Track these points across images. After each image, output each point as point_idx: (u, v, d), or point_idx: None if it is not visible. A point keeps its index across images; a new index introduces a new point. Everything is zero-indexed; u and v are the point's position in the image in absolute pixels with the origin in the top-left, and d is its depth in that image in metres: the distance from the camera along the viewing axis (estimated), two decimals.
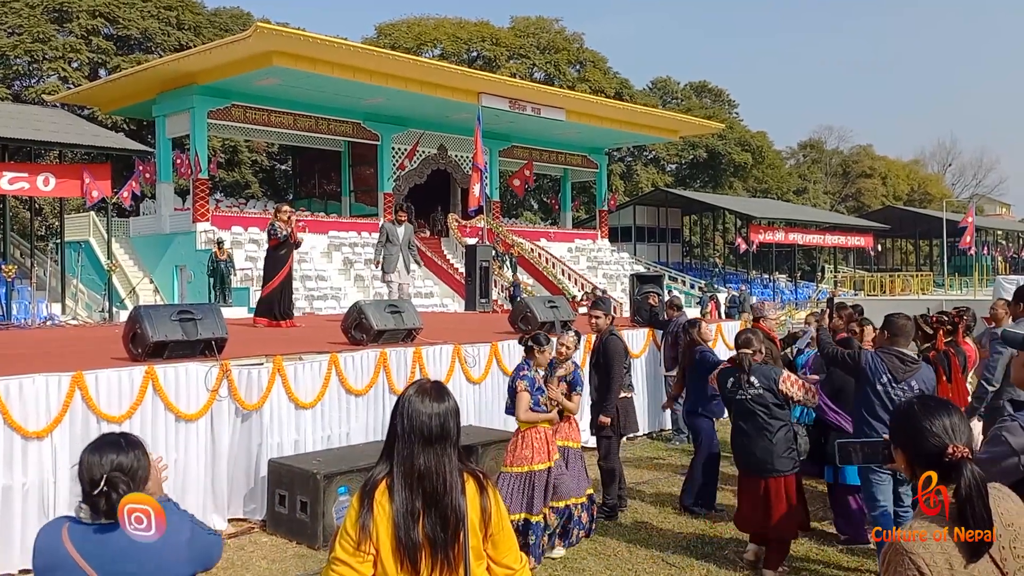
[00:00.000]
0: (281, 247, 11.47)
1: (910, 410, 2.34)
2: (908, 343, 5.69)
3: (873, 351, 5.72)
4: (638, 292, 12.26)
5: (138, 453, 2.68)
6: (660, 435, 11.29)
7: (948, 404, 2.35)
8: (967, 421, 2.30)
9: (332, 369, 7.57)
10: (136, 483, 2.62)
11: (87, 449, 2.67)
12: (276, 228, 11.37)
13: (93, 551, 2.54)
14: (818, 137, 79.78)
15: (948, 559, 2.07)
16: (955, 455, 2.16)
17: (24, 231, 28.44)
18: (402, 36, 49.02)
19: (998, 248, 62.90)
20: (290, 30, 26.12)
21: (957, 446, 2.18)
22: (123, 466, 2.61)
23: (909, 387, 5.46)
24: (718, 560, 6.20)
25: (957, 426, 2.24)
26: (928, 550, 2.08)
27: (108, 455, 2.62)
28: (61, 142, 21.92)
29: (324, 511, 6.32)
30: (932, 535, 2.11)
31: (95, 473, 2.58)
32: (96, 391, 6.16)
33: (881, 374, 5.49)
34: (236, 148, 39.58)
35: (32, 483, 5.84)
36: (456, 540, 2.47)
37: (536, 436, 6.03)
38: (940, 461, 2.19)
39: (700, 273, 46.00)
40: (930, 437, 2.23)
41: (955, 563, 2.07)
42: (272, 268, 11.53)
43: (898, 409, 2.43)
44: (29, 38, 34.32)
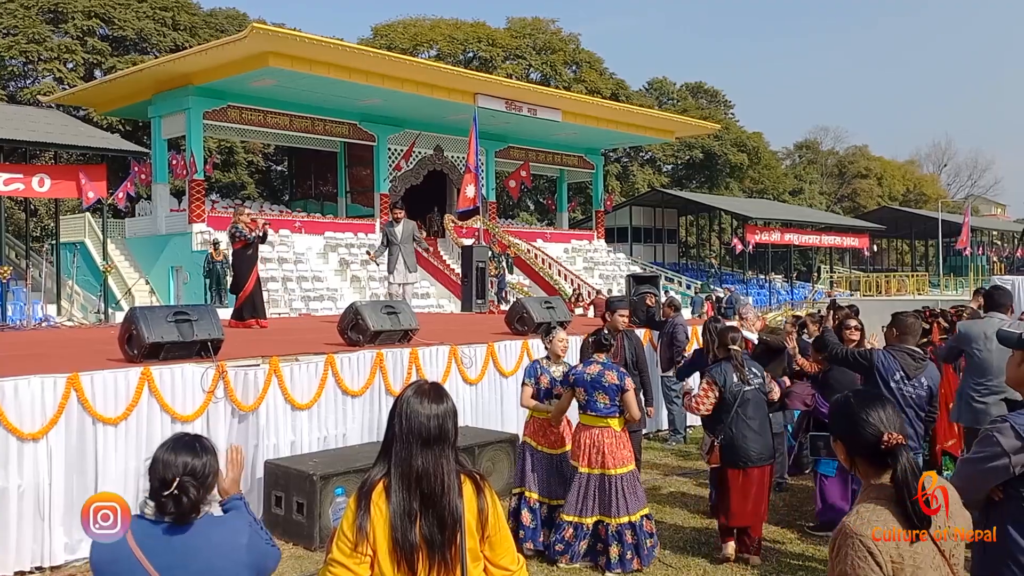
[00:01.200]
0: (248, 247, 11.53)
1: (847, 403, 2.49)
2: (916, 340, 5.73)
3: (884, 349, 5.75)
4: (634, 293, 12.26)
5: (210, 459, 2.69)
6: (657, 435, 11.30)
7: (881, 396, 2.53)
8: (899, 412, 2.47)
9: (328, 370, 7.57)
10: (205, 489, 2.64)
11: (163, 447, 2.68)
12: (240, 230, 11.40)
13: (156, 549, 2.53)
14: (814, 138, 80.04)
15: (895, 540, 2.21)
16: (890, 442, 2.32)
17: (19, 232, 28.39)
18: (398, 37, 49.01)
19: (993, 248, 63.01)
20: (286, 31, 26.10)
21: (891, 434, 2.34)
22: (195, 470, 2.62)
23: (919, 384, 5.49)
24: (714, 559, 6.21)
25: (891, 416, 2.41)
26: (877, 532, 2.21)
27: (183, 457, 2.63)
28: (56, 143, 21.89)
29: (320, 512, 6.31)
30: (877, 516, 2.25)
31: (168, 473, 2.58)
32: (92, 392, 6.15)
33: (894, 372, 5.51)
34: (232, 149, 39.53)
35: (28, 485, 5.83)
36: (453, 541, 2.47)
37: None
38: (876, 449, 2.35)
39: (696, 274, 46.02)
40: (866, 427, 2.39)
41: (901, 544, 2.21)
42: (245, 270, 11.54)
43: (835, 403, 2.56)
44: (24, 39, 34.24)
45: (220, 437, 6.90)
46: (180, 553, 2.53)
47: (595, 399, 5.97)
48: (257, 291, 11.64)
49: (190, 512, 2.58)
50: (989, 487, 2.99)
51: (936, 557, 2.26)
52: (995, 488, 2.98)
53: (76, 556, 6.05)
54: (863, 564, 2.18)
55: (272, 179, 44.34)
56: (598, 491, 5.97)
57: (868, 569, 2.17)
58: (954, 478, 3.15)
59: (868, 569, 2.17)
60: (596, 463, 5.96)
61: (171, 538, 2.56)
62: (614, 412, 5.97)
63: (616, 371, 6.03)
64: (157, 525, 2.58)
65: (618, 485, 5.92)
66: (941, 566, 2.26)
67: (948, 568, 2.28)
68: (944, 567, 2.27)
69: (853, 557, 2.20)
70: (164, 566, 2.51)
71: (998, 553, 2.96)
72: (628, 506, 5.93)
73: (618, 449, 5.96)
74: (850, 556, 2.20)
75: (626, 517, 5.92)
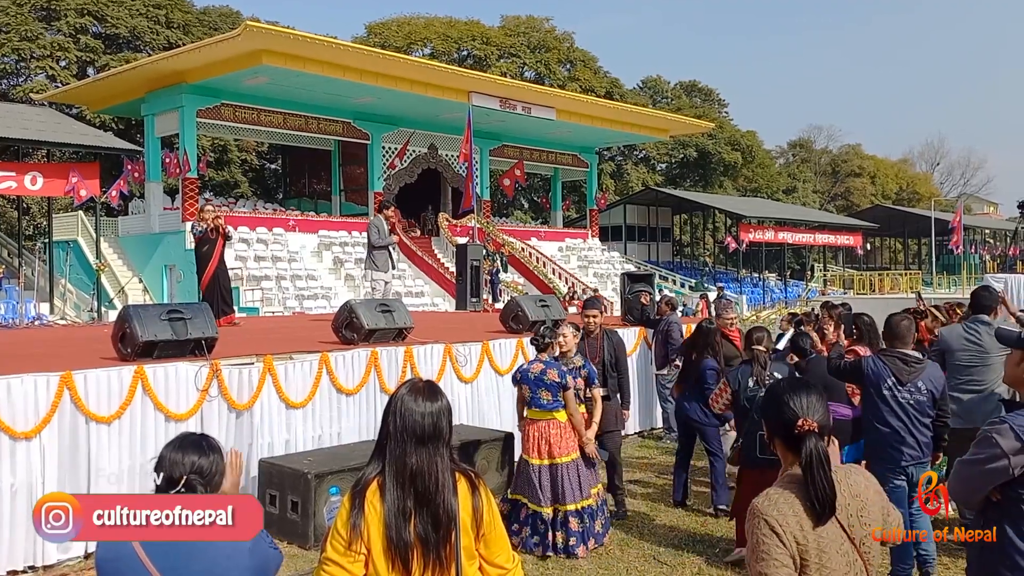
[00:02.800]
0: (203, 244, 11.56)
1: (776, 387, 2.59)
2: (909, 344, 5.49)
3: (874, 355, 5.58)
4: (629, 291, 12.26)
5: (217, 458, 2.69)
6: (651, 433, 11.30)
7: (808, 385, 2.58)
8: (825, 401, 2.52)
9: (323, 368, 7.54)
10: (211, 488, 2.63)
11: (169, 446, 2.67)
12: (194, 226, 11.52)
13: (159, 549, 2.51)
14: (807, 136, 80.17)
15: (799, 521, 2.30)
16: (802, 428, 2.40)
17: (12, 230, 28.28)
18: (392, 35, 48.94)
19: (986, 247, 63.21)
20: (279, 29, 26.05)
21: (807, 420, 2.42)
22: (202, 469, 2.61)
23: (916, 388, 5.25)
24: (709, 558, 6.22)
25: (814, 405, 2.47)
26: (781, 513, 2.31)
27: (190, 456, 2.62)
28: (49, 141, 21.82)
29: (315, 511, 6.29)
30: (785, 499, 2.34)
31: (175, 472, 2.58)
32: (85, 391, 6.12)
33: (884, 378, 5.28)
34: (226, 147, 39.45)
35: (20, 484, 5.80)
36: (448, 540, 2.46)
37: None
38: (791, 433, 2.42)
39: (690, 272, 46.10)
40: (786, 411, 2.46)
41: (805, 525, 2.30)
42: (201, 267, 11.61)
43: (769, 387, 2.68)
44: (16, 36, 34.10)
45: (214, 436, 6.84)
46: (183, 553, 2.51)
47: (539, 395, 6.26)
48: (215, 287, 11.60)
49: None
50: (988, 488, 2.97)
51: (844, 543, 2.34)
52: (993, 489, 2.98)
53: (69, 556, 6.03)
54: (767, 541, 2.29)
55: (266, 177, 44.25)
56: (550, 481, 6.26)
57: (772, 546, 2.27)
58: (952, 480, 3.14)
59: (772, 546, 2.27)
60: (544, 454, 6.27)
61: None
62: (557, 406, 6.26)
63: (557, 369, 6.26)
64: None
65: (565, 473, 6.23)
66: (849, 552, 2.34)
67: (858, 555, 2.36)
68: (852, 554, 2.35)
69: (759, 535, 2.31)
70: (167, 566, 2.50)
71: (995, 554, 2.96)
72: (575, 494, 6.23)
73: (563, 440, 6.27)
74: (756, 534, 2.32)
75: (573, 504, 6.21)
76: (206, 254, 11.58)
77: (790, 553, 2.26)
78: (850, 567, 2.34)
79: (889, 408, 5.25)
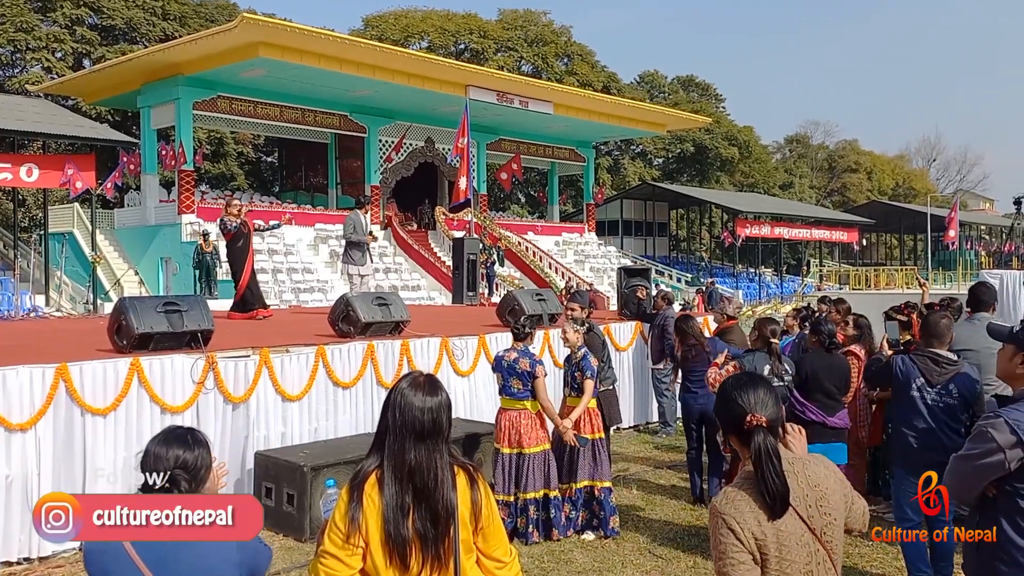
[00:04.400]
0: (237, 239, 11.50)
1: (726, 383, 2.60)
2: (946, 344, 5.18)
3: (906, 354, 5.33)
4: (626, 285, 12.27)
5: (203, 452, 2.66)
6: (647, 428, 11.31)
7: (759, 379, 2.60)
8: (776, 396, 2.53)
9: (319, 361, 7.54)
10: (196, 482, 2.61)
11: (155, 440, 2.65)
12: (226, 223, 11.40)
13: (145, 542, 2.51)
14: (804, 132, 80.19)
15: (756, 517, 2.32)
16: (751, 423, 2.41)
17: (7, 222, 28.22)
18: (389, 28, 48.84)
19: (981, 243, 63.27)
20: (276, 21, 25.99)
21: (755, 415, 2.42)
22: (187, 464, 2.59)
23: (947, 391, 4.95)
24: (705, 551, 6.21)
25: (762, 399, 2.47)
26: (738, 510, 2.33)
27: (174, 450, 2.60)
28: (45, 132, 21.74)
29: (311, 504, 6.30)
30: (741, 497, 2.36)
31: (159, 467, 2.56)
32: (80, 383, 6.11)
33: (914, 377, 5.04)
34: (222, 140, 39.35)
35: (16, 475, 5.79)
36: (446, 535, 2.46)
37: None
38: (742, 429, 2.43)
39: (687, 267, 46.12)
40: (735, 406, 2.47)
41: (762, 520, 2.32)
42: (238, 262, 11.53)
43: (720, 384, 2.66)
44: (12, 27, 33.96)
45: (210, 428, 6.87)
46: (169, 547, 2.50)
47: (510, 383, 6.41)
48: (253, 281, 11.62)
49: None
50: (984, 483, 2.98)
51: (805, 534, 2.36)
52: (989, 484, 2.98)
53: (64, 547, 6.02)
54: (725, 540, 2.32)
55: (262, 170, 44.16)
56: (515, 469, 6.42)
57: (729, 544, 2.31)
58: (948, 475, 3.14)
59: (729, 544, 2.31)
60: (514, 443, 6.41)
61: None
62: (527, 396, 6.39)
63: (529, 359, 6.39)
64: None
65: (530, 463, 6.38)
66: (810, 543, 2.36)
67: (820, 545, 2.38)
68: (814, 544, 2.37)
69: (718, 534, 2.34)
70: (153, 560, 2.49)
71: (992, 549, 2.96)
72: (536, 482, 6.38)
73: (532, 430, 6.41)
74: (715, 533, 2.35)
75: (532, 493, 6.37)
76: (241, 249, 11.52)
77: (748, 549, 2.29)
78: (811, 556, 2.36)
79: (915, 410, 5.01)
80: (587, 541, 6.50)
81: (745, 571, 2.27)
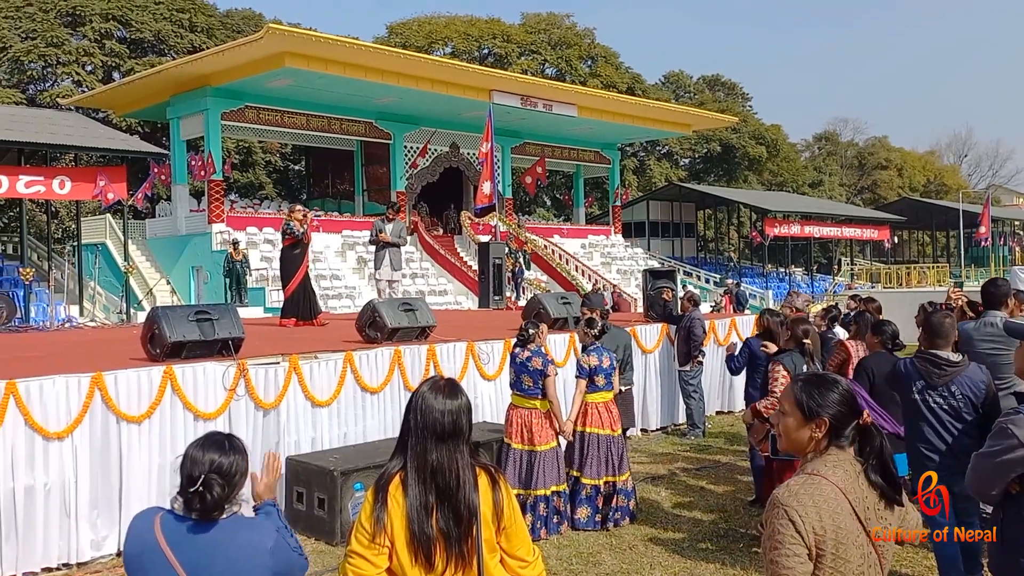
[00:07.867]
0: (296, 246, 11.58)
1: (840, 380, 2.53)
2: (949, 345, 5.08)
3: (910, 357, 5.24)
4: (651, 287, 12.26)
5: (238, 458, 2.73)
6: (676, 430, 11.31)
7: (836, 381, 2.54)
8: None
9: (347, 367, 7.63)
10: (231, 487, 2.67)
11: (193, 444, 2.73)
12: (292, 227, 11.48)
13: (181, 545, 2.59)
14: (833, 129, 79.33)
15: (819, 512, 2.29)
16: (867, 421, 2.39)
17: (41, 234, 28.68)
18: (413, 35, 49.09)
19: (1015, 238, 62.34)
20: (301, 31, 26.22)
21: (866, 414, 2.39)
22: (221, 468, 2.66)
23: (949, 393, 4.87)
24: (733, 554, 6.22)
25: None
26: (801, 504, 2.30)
27: (211, 454, 2.67)
28: (76, 145, 22.08)
29: (341, 507, 6.38)
30: (806, 490, 2.33)
31: (195, 470, 2.63)
32: (115, 391, 6.24)
33: (914, 381, 4.99)
34: (250, 149, 39.77)
35: (54, 483, 5.92)
36: (469, 534, 2.52)
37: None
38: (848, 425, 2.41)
39: (715, 267, 45.85)
40: (854, 403, 2.42)
41: (824, 516, 2.29)
42: (290, 267, 11.63)
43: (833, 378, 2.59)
44: (43, 42, 34.56)
45: (242, 434, 6.94)
46: (205, 550, 2.58)
47: (521, 380, 6.62)
48: (305, 289, 11.70)
49: (213, 509, 2.62)
50: (1007, 480, 2.98)
51: (860, 535, 2.34)
52: (1012, 481, 2.98)
53: (102, 553, 6.15)
54: (784, 531, 2.30)
55: (290, 178, 44.56)
56: (527, 466, 6.60)
57: (788, 535, 2.29)
58: (970, 473, 3.15)
59: (788, 535, 2.29)
60: (526, 440, 6.62)
61: (197, 535, 2.61)
62: (537, 394, 6.59)
63: (542, 358, 6.57)
64: (184, 521, 2.63)
65: (541, 460, 6.58)
66: (864, 545, 2.35)
67: (872, 548, 2.37)
68: (867, 546, 2.36)
69: (776, 525, 2.32)
70: (189, 562, 2.57)
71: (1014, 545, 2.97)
72: (545, 479, 6.57)
73: (542, 429, 6.62)
74: (774, 523, 2.33)
75: (542, 490, 6.55)
76: (297, 256, 11.62)
77: (806, 544, 2.28)
78: (864, 559, 2.34)
79: (918, 412, 4.97)
80: (615, 542, 6.53)
81: (798, 563, 2.26)
